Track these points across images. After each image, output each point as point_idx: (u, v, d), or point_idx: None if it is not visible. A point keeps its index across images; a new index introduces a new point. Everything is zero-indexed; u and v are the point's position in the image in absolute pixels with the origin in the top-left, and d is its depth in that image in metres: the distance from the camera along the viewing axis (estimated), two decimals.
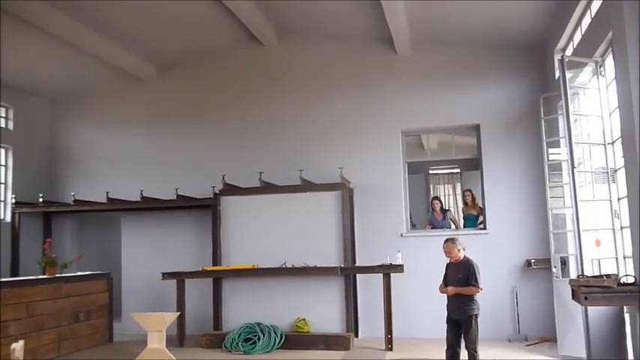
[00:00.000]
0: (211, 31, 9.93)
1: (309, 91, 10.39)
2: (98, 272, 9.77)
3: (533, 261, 8.96)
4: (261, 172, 9.52)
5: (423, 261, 9.22)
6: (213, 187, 9.76)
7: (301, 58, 10.53)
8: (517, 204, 9.29)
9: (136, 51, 10.35)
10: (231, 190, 9.69)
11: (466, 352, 6.04)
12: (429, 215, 10.54)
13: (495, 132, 9.51)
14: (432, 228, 10.04)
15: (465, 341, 6.05)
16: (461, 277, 6.12)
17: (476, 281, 6.05)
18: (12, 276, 10.05)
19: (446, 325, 6.28)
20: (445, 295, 6.33)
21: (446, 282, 6.37)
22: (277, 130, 10.39)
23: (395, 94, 9.99)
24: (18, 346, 5.20)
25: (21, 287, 8.03)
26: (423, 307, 9.05)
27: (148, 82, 11.20)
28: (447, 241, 6.37)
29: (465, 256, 6.29)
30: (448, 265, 6.42)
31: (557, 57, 8.31)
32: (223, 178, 9.65)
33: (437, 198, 10.67)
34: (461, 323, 6.08)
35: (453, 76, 9.81)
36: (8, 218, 10.78)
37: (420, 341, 8.69)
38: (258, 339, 8.44)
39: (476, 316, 6.04)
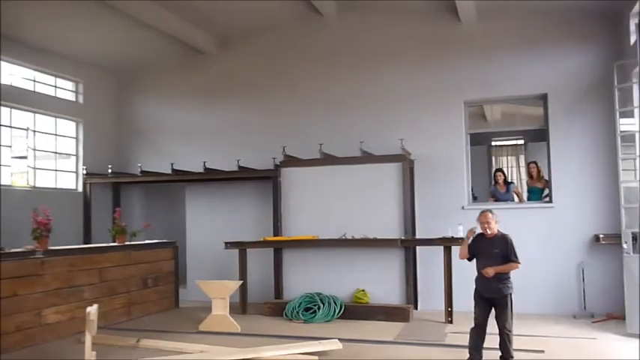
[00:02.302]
0: (271, 4, 9.90)
1: (370, 62, 10.25)
2: (164, 241, 10.14)
3: (601, 236, 8.63)
4: (321, 144, 9.54)
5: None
6: (274, 158, 9.86)
7: (361, 30, 10.36)
8: (586, 177, 8.94)
9: (198, 24, 10.47)
10: (291, 161, 9.76)
11: (498, 333, 5.65)
12: (491, 188, 10.30)
13: (564, 102, 9.13)
14: (494, 201, 9.82)
15: (498, 321, 5.65)
16: (498, 252, 5.67)
17: (515, 256, 5.67)
18: (85, 243, 10.58)
19: (475, 301, 5.86)
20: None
21: (472, 255, 5.93)
22: (338, 102, 10.34)
23: (458, 64, 9.72)
24: (93, 310, 5.44)
25: (94, 254, 8.43)
26: None
27: (210, 55, 11.34)
28: (485, 212, 5.85)
29: (498, 230, 5.83)
30: (478, 239, 5.88)
31: (633, 21, 7.85)
32: (284, 150, 9.73)
33: (500, 170, 10.40)
34: (495, 302, 5.70)
35: (519, 45, 9.44)
36: (80, 188, 11.29)
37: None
38: (318, 308, 8.57)
39: (511, 295, 5.69)
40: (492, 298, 5.71)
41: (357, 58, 10.36)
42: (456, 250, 8.39)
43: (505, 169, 12.49)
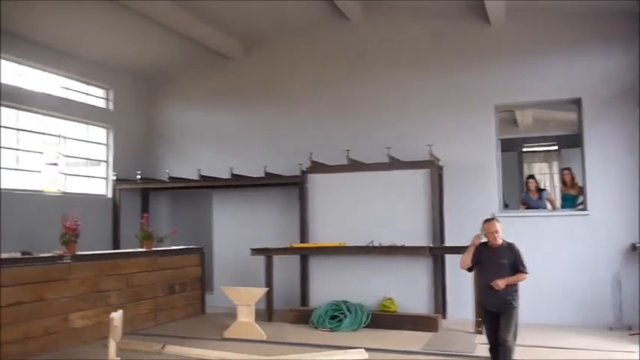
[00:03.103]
0: (297, 7, 9.88)
1: (397, 66, 10.13)
2: (191, 247, 10.14)
3: (638, 245, 8.31)
4: (348, 150, 9.42)
5: (518, 243, 8.69)
6: (301, 164, 9.79)
7: (387, 33, 10.24)
8: (622, 183, 8.64)
9: (223, 29, 10.48)
10: (318, 167, 9.68)
11: (498, 344, 5.23)
12: (522, 195, 10.04)
13: (599, 106, 8.85)
14: (526, 208, 9.56)
15: (501, 333, 5.21)
16: (505, 262, 5.34)
17: (524, 267, 5.35)
18: (113, 248, 10.65)
19: (483, 319, 5.58)
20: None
21: (474, 265, 5.57)
22: (365, 107, 10.24)
23: (488, 67, 9.53)
24: (117, 315, 5.43)
25: (120, 259, 8.48)
26: None
27: (236, 60, 11.35)
28: (491, 220, 5.49)
29: (503, 239, 5.46)
30: (482, 249, 5.50)
31: None
32: (310, 156, 9.65)
33: (532, 177, 10.12)
34: (500, 314, 5.31)
35: (551, 48, 9.20)
36: (110, 194, 11.40)
37: None
38: (345, 317, 8.44)
39: (517, 308, 5.34)
40: (499, 311, 5.35)
41: (383, 62, 10.25)
42: None
43: (537, 176, 12.19)
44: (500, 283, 5.26)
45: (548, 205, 9.82)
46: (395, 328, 8.31)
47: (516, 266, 5.35)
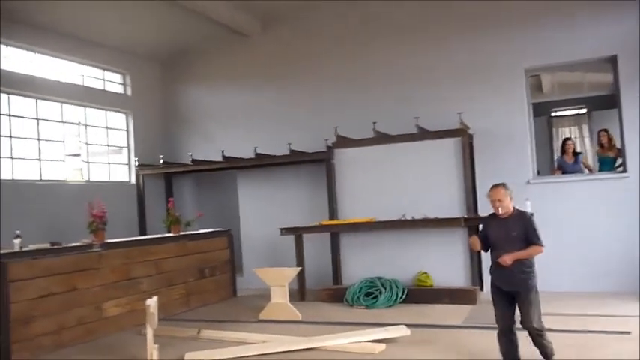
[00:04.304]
0: None
1: (422, 33, 9.77)
2: (219, 229, 10.01)
3: None
4: (374, 122, 9.13)
5: (553, 210, 8.58)
6: (326, 140, 9.53)
7: (413, 2, 9.81)
8: None
9: (240, 6, 10.19)
10: (344, 142, 9.42)
11: (529, 335, 4.67)
12: (557, 159, 9.71)
13: (636, 63, 8.41)
14: (561, 173, 9.24)
15: (524, 322, 4.62)
16: (516, 234, 4.66)
17: (538, 238, 4.64)
18: (140, 234, 10.57)
19: (493, 300, 4.87)
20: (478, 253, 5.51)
21: (486, 243, 4.89)
22: (390, 78, 9.91)
23: (515, 30, 9.13)
24: (152, 302, 5.31)
25: (150, 245, 8.37)
26: (554, 259, 8.34)
27: (254, 37, 11.06)
28: (496, 186, 4.77)
29: (515, 208, 4.79)
30: (490, 220, 4.92)
31: None
32: (336, 131, 9.39)
33: (569, 139, 9.76)
34: (518, 297, 4.69)
35: (581, 5, 8.75)
36: (133, 180, 11.29)
37: (550, 295, 8.04)
38: (380, 293, 8.26)
39: (536, 286, 4.71)
40: (514, 291, 4.70)
41: (408, 30, 9.89)
42: None
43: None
44: (508, 259, 4.61)
45: (585, 170, 9.47)
46: (432, 302, 8.12)
47: (529, 238, 4.66)
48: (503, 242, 4.71)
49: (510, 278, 4.68)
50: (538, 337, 4.67)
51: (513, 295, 4.71)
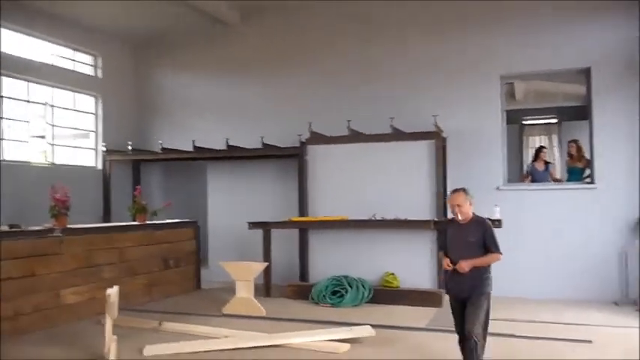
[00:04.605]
0: None
1: (399, 33, 9.75)
2: (186, 220, 9.83)
3: None
4: (349, 120, 9.07)
5: (522, 216, 8.70)
6: (300, 135, 9.44)
7: (390, 1, 9.79)
8: (630, 157, 8.41)
9: None
10: (318, 138, 9.33)
11: (465, 339, 4.49)
12: (528, 167, 9.84)
13: (608, 76, 8.56)
14: (531, 181, 9.34)
15: (466, 323, 4.45)
16: (473, 240, 4.55)
17: (496, 246, 4.54)
18: (104, 222, 10.30)
19: (451, 307, 4.80)
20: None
21: (445, 249, 4.80)
22: (366, 76, 9.87)
23: (493, 36, 9.19)
24: (113, 292, 5.16)
25: (113, 233, 8.16)
26: (521, 265, 8.54)
27: (232, 26, 10.85)
28: (456, 191, 4.71)
29: (474, 214, 4.70)
30: (449, 225, 4.87)
31: None
32: (310, 126, 9.30)
33: (545, 147, 9.90)
34: (467, 302, 4.54)
35: (559, 15, 8.85)
36: (100, 166, 11.00)
37: (516, 300, 8.20)
38: (346, 292, 8.21)
39: (489, 294, 4.58)
40: (467, 297, 4.56)
41: (385, 29, 9.85)
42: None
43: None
44: (465, 266, 4.48)
45: (551, 181, 9.61)
46: (398, 304, 8.11)
47: (487, 245, 4.55)
48: (461, 248, 4.61)
49: (463, 285, 4.57)
50: (473, 346, 4.40)
51: (465, 301, 4.58)
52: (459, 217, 4.64)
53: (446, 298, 8.00)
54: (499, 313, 7.31)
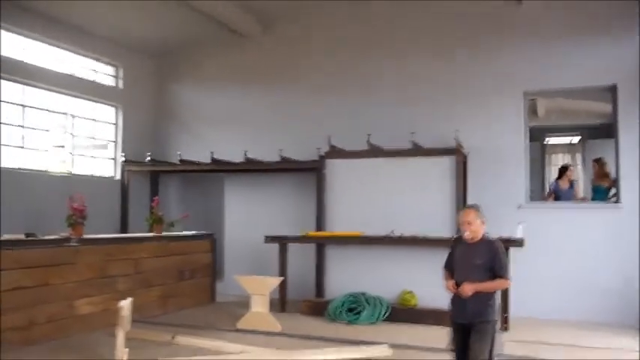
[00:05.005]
0: None
1: (422, 48, 9.65)
2: (202, 232, 9.77)
3: None
4: (369, 135, 8.97)
5: (544, 235, 8.46)
6: (319, 149, 9.34)
7: (412, 12, 9.72)
8: None
9: (240, 5, 9.97)
10: (337, 152, 9.24)
11: None
12: (552, 184, 9.62)
13: (636, 94, 8.34)
14: (554, 199, 9.13)
15: (470, 353, 4.15)
16: (480, 263, 4.23)
17: (505, 271, 4.23)
18: (121, 232, 10.28)
19: (452, 333, 4.43)
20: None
21: (451, 269, 4.49)
22: (387, 90, 9.77)
23: (517, 51, 9.03)
24: (126, 304, 5.08)
25: (129, 244, 8.12)
26: (543, 286, 8.36)
27: (252, 38, 10.84)
28: (468, 207, 4.49)
29: (485, 234, 4.36)
30: (457, 244, 4.54)
31: None
32: (329, 140, 9.22)
33: (570, 165, 9.71)
34: (472, 330, 4.21)
35: (586, 31, 8.70)
36: (118, 176, 11.01)
37: (538, 322, 7.98)
38: (363, 309, 8.05)
39: (494, 322, 4.26)
40: (469, 324, 4.22)
41: (408, 43, 9.76)
42: (514, 251, 7.80)
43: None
44: (467, 289, 4.14)
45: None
46: (415, 323, 7.91)
47: (495, 269, 4.22)
48: (466, 270, 4.28)
49: (465, 310, 4.22)
50: None
51: (469, 329, 4.22)
52: (468, 236, 4.32)
53: None
54: (521, 335, 7.17)
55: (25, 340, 6.30)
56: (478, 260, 4.24)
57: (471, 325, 4.21)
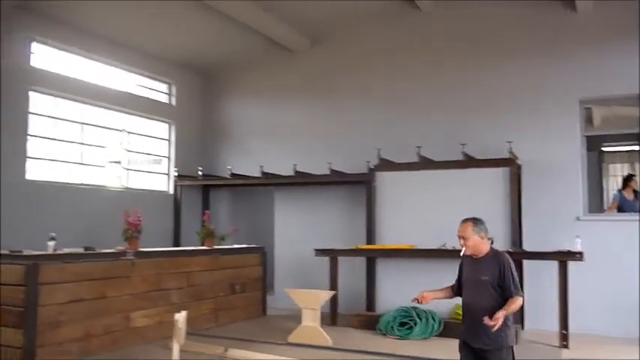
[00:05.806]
0: None
1: (473, 57, 9.49)
2: (253, 246, 9.83)
3: None
4: (419, 147, 8.87)
5: (604, 249, 8.11)
6: (368, 162, 9.30)
7: (462, 22, 9.61)
8: None
9: (289, 21, 10.08)
10: (386, 165, 9.17)
11: None
12: (615, 195, 9.23)
13: None
14: (618, 211, 8.77)
15: None
16: (485, 279, 3.95)
17: (516, 287, 3.88)
18: (174, 246, 10.48)
19: (461, 352, 4.16)
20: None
21: (460, 284, 4.25)
22: (437, 101, 9.65)
23: (572, 58, 8.77)
24: (181, 317, 5.12)
25: (182, 257, 8.24)
26: (602, 302, 8.00)
27: (300, 53, 10.95)
28: (464, 221, 4.18)
29: (492, 248, 4.14)
30: (465, 259, 4.28)
31: None
32: (379, 153, 9.16)
33: (634, 175, 9.32)
34: (486, 356, 3.94)
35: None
36: (171, 190, 11.25)
37: (597, 339, 7.65)
38: (415, 324, 7.91)
39: (511, 348, 3.98)
40: (482, 349, 3.94)
41: (458, 53, 9.64)
42: (573, 265, 7.54)
43: (618, 178, 11.32)
44: (492, 321, 3.66)
45: None
46: None
47: (505, 287, 3.90)
48: (472, 286, 4.05)
49: (478, 333, 3.90)
50: None
51: (482, 355, 3.97)
52: (465, 252, 4.13)
53: (521, 333, 7.69)
54: (582, 353, 6.88)
55: (83, 352, 6.47)
56: (483, 276, 4.00)
57: (483, 351, 3.95)
